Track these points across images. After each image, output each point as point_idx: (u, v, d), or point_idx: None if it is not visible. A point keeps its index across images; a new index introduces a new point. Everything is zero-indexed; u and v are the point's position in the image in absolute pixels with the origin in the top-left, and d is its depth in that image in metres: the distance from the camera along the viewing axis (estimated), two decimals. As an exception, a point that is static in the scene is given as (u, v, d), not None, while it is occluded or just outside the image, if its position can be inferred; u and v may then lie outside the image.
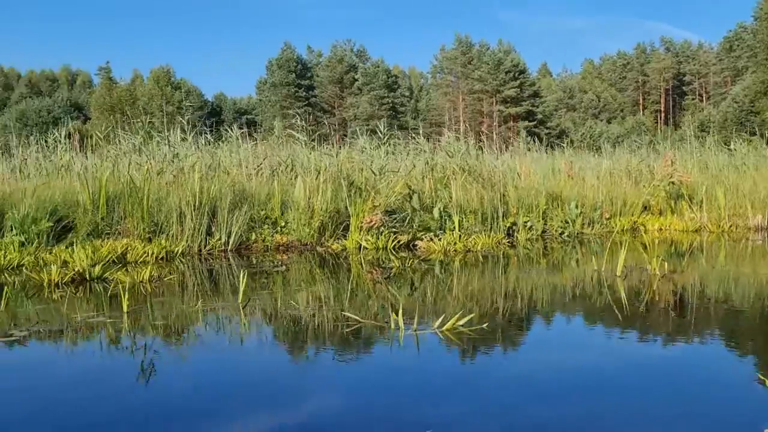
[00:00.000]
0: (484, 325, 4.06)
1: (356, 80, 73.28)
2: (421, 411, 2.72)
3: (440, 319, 4.02)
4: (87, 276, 6.12)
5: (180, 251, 8.16)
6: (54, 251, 7.32)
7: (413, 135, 13.19)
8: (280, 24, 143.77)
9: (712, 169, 12.75)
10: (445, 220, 9.56)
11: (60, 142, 11.25)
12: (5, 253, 7.28)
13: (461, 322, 4.01)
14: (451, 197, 9.87)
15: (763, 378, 2.79)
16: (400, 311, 3.99)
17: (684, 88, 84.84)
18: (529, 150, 17.64)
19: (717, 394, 2.98)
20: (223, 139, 12.11)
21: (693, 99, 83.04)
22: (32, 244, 7.66)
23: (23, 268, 6.78)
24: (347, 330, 4.14)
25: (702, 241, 9.71)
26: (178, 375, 3.43)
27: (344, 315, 4.46)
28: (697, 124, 53.64)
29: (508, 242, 9.58)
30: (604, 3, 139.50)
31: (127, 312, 4.55)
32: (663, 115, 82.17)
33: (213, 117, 77.36)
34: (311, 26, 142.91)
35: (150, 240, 8.17)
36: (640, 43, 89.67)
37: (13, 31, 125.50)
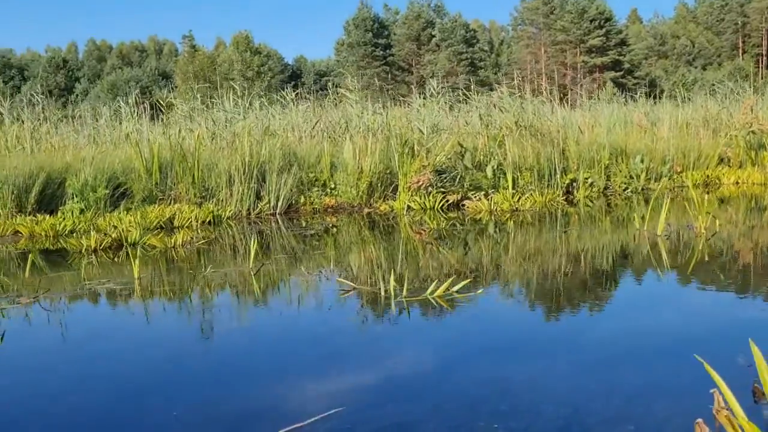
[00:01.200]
0: (478, 291, 3.90)
1: (433, 36, 71.94)
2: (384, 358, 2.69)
3: (432, 286, 3.83)
4: (124, 242, 6.29)
5: (228, 215, 8.29)
6: (107, 217, 7.60)
7: (493, 90, 12.75)
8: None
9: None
10: (499, 178, 9.28)
11: (126, 111, 11.61)
12: (63, 219, 7.63)
13: (455, 288, 3.83)
14: (506, 155, 9.56)
15: None
16: (391, 278, 3.97)
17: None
18: (610, 101, 16.88)
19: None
20: (277, 101, 12.06)
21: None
22: (90, 211, 8.00)
23: (74, 234, 6.96)
24: (346, 296, 4.07)
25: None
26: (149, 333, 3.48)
27: (340, 281, 4.39)
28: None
29: (567, 200, 9.22)
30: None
31: (138, 278, 4.57)
32: (766, 59, 76.47)
33: (293, 80, 78.49)
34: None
35: (200, 205, 8.35)
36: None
37: (103, 2, 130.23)
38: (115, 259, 5.77)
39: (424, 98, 11.88)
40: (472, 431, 2.06)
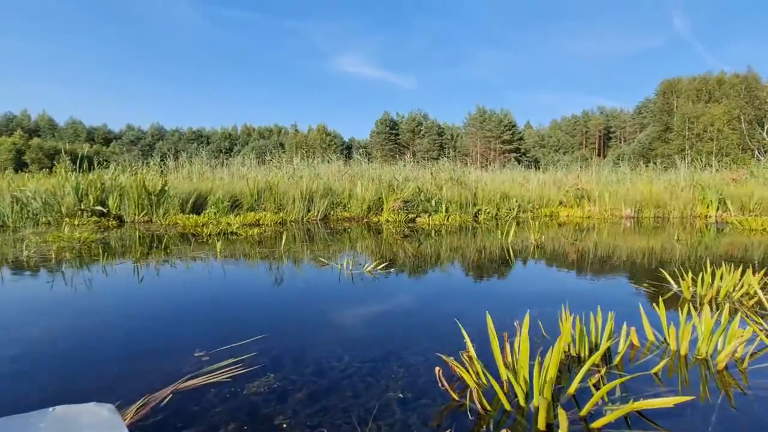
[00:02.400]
0: (391, 270, 3.65)
1: (421, 130, 71.86)
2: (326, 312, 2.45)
3: (370, 265, 3.68)
4: (226, 231, 6.19)
5: (290, 219, 8.19)
6: (225, 218, 7.55)
7: (448, 160, 12.47)
8: (384, 100, 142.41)
9: (603, 181, 11.43)
10: (438, 206, 9.12)
11: (243, 163, 11.59)
12: (204, 218, 7.60)
13: (380, 267, 3.65)
14: (443, 195, 9.40)
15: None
16: (350, 259, 3.62)
17: (610, 135, 77.38)
18: (509, 168, 16.60)
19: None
20: (327, 161, 11.96)
21: (615, 141, 75.66)
22: (219, 214, 7.94)
23: (204, 226, 6.84)
24: (321, 267, 3.78)
25: (589, 223, 8.71)
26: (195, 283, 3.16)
27: (320, 259, 4.12)
28: (615, 156, 48.85)
29: (474, 220, 9.02)
30: (565, 86, 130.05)
31: (219, 250, 4.40)
32: (597, 150, 75.49)
33: (347, 150, 78.40)
34: (401, 100, 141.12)
35: (276, 213, 8.26)
36: (585, 109, 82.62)
37: (254, 101, 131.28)
38: (218, 240, 5.46)
39: (403, 163, 11.77)
40: (349, 347, 1.88)
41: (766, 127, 33.69)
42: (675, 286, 3.07)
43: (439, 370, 1.56)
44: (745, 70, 36.89)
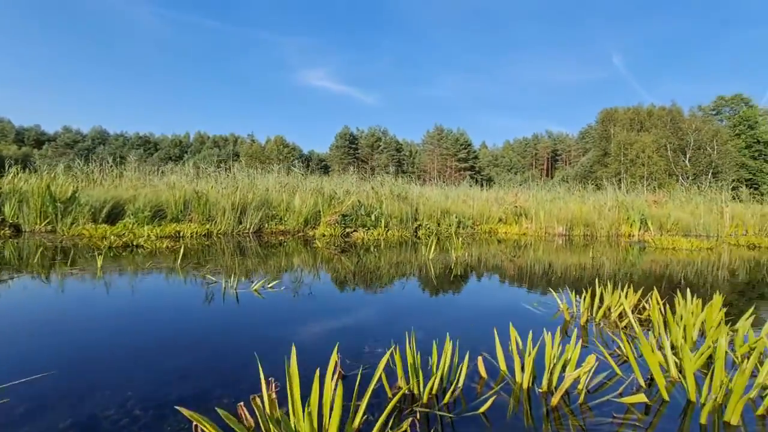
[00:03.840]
0: (282, 288, 3.34)
1: (380, 145, 72.62)
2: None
3: (257, 282, 3.38)
4: (132, 243, 5.62)
5: (217, 231, 7.68)
6: (142, 229, 6.93)
7: (404, 175, 12.48)
8: (346, 114, 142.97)
9: (539, 200, 11.90)
10: (378, 221, 8.99)
11: (177, 171, 10.87)
12: (117, 228, 6.92)
13: (269, 284, 3.38)
14: (383, 209, 9.30)
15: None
16: (238, 275, 3.27)
17: (557, 157, 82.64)
18: (464, 185, 16.86)
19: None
20: (268, 171, 11.43)
21: (561, 164, 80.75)
22: (136, 225, 7.28)
23: (108, 238, 6.11)
24: (208, 286, 3.39)
25: (524, 240, 8.92)
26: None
27: (209, 277, 3.72)
28: (560, 177, 51.84)
29: (415, 235, 8.96)
30: (518, 110, 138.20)
31: (101, 267, 3.89)
32: (546, 171, 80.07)
33: (305, 163, 77.38)
34: (363, 115, 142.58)
35: (202, 224, 7.73)
36: (535, 132, 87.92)
37: (210, 108, 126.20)
38: (115, 254, 4.93)
39: (348, 176, 11.60)
40: (138, 388, 1.59)
41: (687, 155, 37.39)
42: (561, 307, 2.94)
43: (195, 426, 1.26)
44: (670, 104, 40.93)
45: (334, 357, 1.39)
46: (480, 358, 1.80)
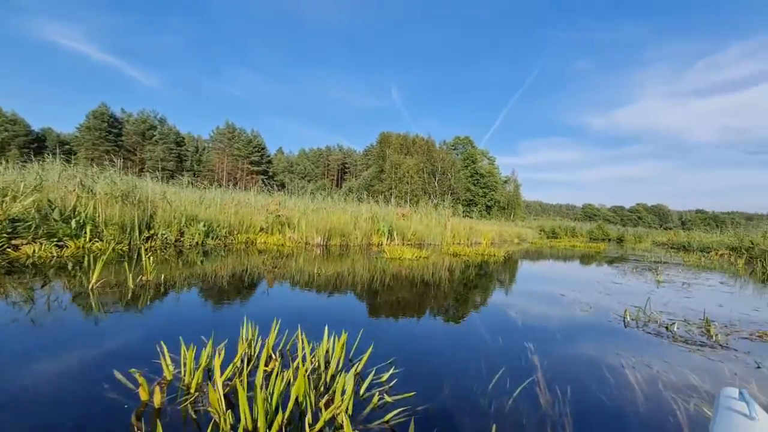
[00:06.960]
0: None
1: (154, 135, 60.99)
2: None
3: None
4: None
5: None
6: None
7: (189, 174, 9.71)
8: (108, 90, 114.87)
9: (303, 209, 11.90)
10: (83, 228, 6.67)
11: None
12: None
13: None
14: (97, 213, 7.01)
15: None
16: None
17: (346, 169, 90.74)
18: (254, 190, 15.19)
19: None
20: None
21: (349, 175, 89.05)
22: None
23: None
24: None
25: (282, 250, 8.44)
26: None
27: None
28: (347, 188, 56.54)
29: (147, 247, 7.08)
30: (315, 121, 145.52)
31: None
32: (336, 181, 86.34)
33: (34, 144, 57.57)
34: (133, 95, 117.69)
35: None
36: (328, 144, 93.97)
37: None
38: None
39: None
40: None
41: (437, 178, 47.39)
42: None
43: None
44: (427, 136, 51.04)
45: None
46: None
